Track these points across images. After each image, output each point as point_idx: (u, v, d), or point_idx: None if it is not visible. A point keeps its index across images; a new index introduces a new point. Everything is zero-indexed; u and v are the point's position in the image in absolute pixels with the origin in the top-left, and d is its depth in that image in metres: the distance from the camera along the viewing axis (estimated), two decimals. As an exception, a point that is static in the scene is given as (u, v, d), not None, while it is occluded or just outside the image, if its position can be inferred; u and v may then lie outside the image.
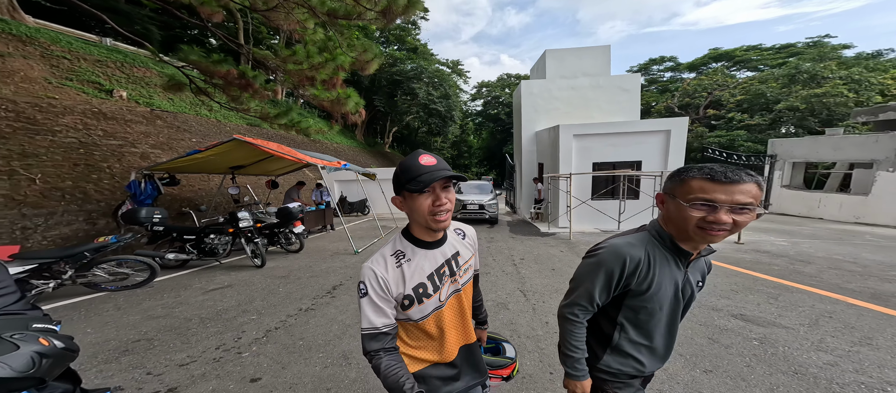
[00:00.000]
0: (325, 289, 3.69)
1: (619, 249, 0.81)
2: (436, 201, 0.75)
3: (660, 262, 0.81)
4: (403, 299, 0.79)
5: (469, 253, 0.92)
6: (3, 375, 0.79)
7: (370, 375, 1.98)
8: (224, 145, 5.22)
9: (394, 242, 0.85)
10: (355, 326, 2.71)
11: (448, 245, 0.87)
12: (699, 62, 25.09)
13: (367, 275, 0.78)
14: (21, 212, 4.58)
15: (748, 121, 15.74)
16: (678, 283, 0.83)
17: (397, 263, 0.80)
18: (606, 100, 10.21)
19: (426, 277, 0.81)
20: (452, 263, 0.86)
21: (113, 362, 2.17)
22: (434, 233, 0.82)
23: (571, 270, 4.30)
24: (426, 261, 0.82)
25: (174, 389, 1.90)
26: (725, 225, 0.69)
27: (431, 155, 0.77)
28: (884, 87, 13.51)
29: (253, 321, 2.83)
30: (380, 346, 0.76)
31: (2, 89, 6.13)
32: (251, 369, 2.10)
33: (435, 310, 0.82)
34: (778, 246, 5.52)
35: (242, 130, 11.97)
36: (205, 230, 4.68)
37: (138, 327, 2.70)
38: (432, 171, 0.73)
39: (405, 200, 0.78)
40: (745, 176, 0.69)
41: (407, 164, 0.76)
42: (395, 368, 0.75)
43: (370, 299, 0.77)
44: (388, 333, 0.78)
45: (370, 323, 0.76)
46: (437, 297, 0.82)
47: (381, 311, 0.77)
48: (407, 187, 0.74)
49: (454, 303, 0.86)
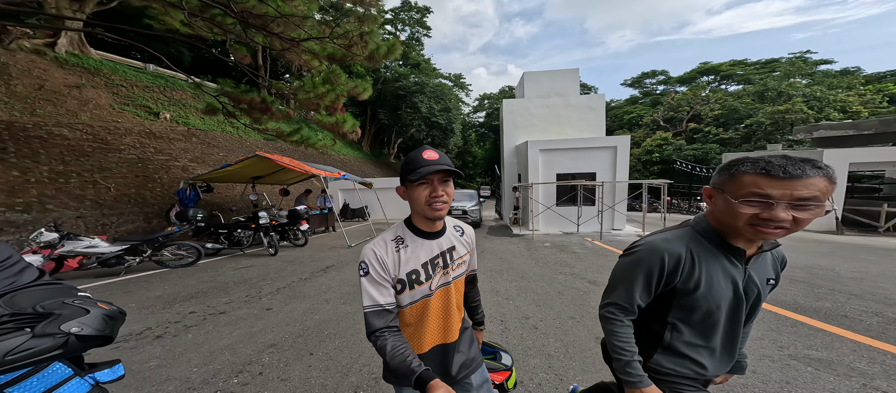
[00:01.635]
0: (320, 268, 5.07)
1: (657, 245, 0.78)
2: (433, 192, 0.79)
3: (706, 259, 0.76)
4: (396, 283, 0.82)
5: (464, 250, 0.95)
6: (86, 333, 0.79)
7: (340, 312, 3.31)
8: (248, 160, 6.80)
9: (395, 228, 0.89)
10: (335, 285, 4.04)
11: (445, 238, 0.90)
12: (688, 76, 25.95)
13: (367, 255, 0.81)
14: (102, 212, 6.21)
15: (723, 135, 16.60)
16: (737, 281, 0.76)
17: (396, 248, 0.83)
18: (576, 117, 11.43)
19: (420, 265, 0.84)
20: (447, 255, 0.89)
21: (185, 302, 3.58)
22: (432, 222, 0.86)
23: (518, 261, 5.57)
24: (422, 249, 0.85)
25: (224, 313, 3.28)
26: (783, 222, 0.63)
27: (434, 150, 0.81)
28: (845, 104, 14.19)
29: (268, 284, 4.23)
30: (384, 324, 0.77)
31: (81, 116, 7.94)
32: (267, 305, 3.47)
33: (423, 298, 0.84)
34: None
35: (260, 145, 13.76)
36: (234, 226, 6.19)
37: (195, 287, 4.13)
38: (431, 164, 0.78)
39: (407, 189, 0.83)
40: (809, 169, 0.62)
41: (411, 156, 0.81)
42: (401, 347, 0.75)
43: (371, 278, 0.80)
44: (391, 310, 0.79)
45: (373, 300, 0.78)
46: (428, 285, 0.84)
47: (382, 288, 0.80)
48: (407, 177, 0.80)
49: (442, 294, 0.87)
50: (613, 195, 8.94)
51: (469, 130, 41.15)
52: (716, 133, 16.21)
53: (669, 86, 27.05)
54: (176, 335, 2.70)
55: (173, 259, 4.94)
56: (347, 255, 6.14)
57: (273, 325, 2.90)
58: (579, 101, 11.60)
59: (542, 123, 11.83)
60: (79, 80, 9.15)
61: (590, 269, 4.88)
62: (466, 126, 41.56)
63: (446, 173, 0.80)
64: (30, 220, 5.14)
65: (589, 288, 3.90)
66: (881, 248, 6.41)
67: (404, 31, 29.77)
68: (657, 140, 18.65)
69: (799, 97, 13.80)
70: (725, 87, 23.48)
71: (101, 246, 4.31)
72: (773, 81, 15.98)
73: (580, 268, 4.94)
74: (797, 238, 7.31)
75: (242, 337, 2.66)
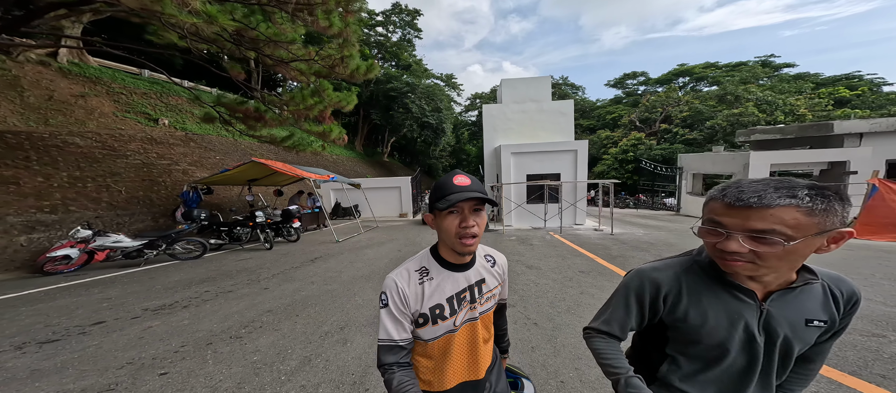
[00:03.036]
0: (309, 259, 5.99)
1: (643, 272, 0.74)
2: (462, 222, 0.74)
3: (700, 292, 0.68)
4: (418, 317, 0.78)
5: (495, 282, 0.89)
6: None
7: (321, 291, 4.25)
8: (246, 165, 7.66)
9: (421, 257, 0.85)
10: (321, 272, 4.97)
11: (474, 270, 0.85)
12: (665, 78, 27.20)
13: (389, 286, 0.78)
14: (116, 213, 7.03)
15: (689, 135, 17.86)
16: (746, 318, 0.65)
17: (420, 280, 0.80)
18: (549, 121, 12.43)
19: (445, 299, 0.80)
20: (475, 289, 0.84)
21: (200, 285, 4.48)
22: (460, 256, 0.81)
23: None
24: (448, 282, 0.81)
25: (231, 291, 4.20)
26: (737, 255, 0.58)
27: (466, 175, 0.76)
28: (793, 108, 15.48)
29: (265, 271, 5.15)
30: (395, 359, 0.76)
31: (89, 124, 8.67)
32: (264, 286, 4.39)
33: (446, 333, 0.80)
34: (635, 235, 7.68)
35: (254, 148, 14.50)
36: (234, 224, 7.07)
37: (205, 274, 5.04)
38: (462, 191, 0.73)
39: (435, 218, 0.78)
40: (775, 197, 0.55)
41: (441, 182, 0.76)
42: (408, 384, 0.73)
43: (390, 312, 0.77)
44: (405, 347, 0.77)
45: (388, 335, 0.76)
46: (453, 321, 0.80)
47: (399, 324, 0.77)
48: (436, 205, 0.75)
49: (467, 331, 0.83)
50: (574, 193, 9.99)
51: (462, 129, 41.93)
52: (682, 134, 17.50)
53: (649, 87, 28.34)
54: (197, 306, 3.63)
55: (184, 252, 5.82)
56: (334, 249, 7.07)
57: (269, 298, 3.84)
58: (551, 106, 12.58)
59: (517, 127, 12.80)
60: (82, 90, 9.83)
61: (535, 257, 5.89)
62: (459, 125, 42.29)
63: (478, 201, 0.74)
64: (57, 220, 5.96)
65: (523, 271, 4.90)
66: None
67: (396, 33, 30.33)
68: (632, 140, 19.87)
69: (751, 101, 15.06)
70: (701, 89, 24.80)
71: (125, 241, 5.18)
72: (731, 85, 17.26)
73: (528, 256, 5.95)
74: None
75: (246, 306, 3.59)
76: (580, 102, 40.84)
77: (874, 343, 2.42)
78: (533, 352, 2.49)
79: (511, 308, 3.37)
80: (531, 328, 2.90)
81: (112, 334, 2.87)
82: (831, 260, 5.04)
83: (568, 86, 45.84)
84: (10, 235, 5.27)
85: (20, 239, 5.34)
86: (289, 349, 2.56)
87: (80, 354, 2.52)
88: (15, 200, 5.62)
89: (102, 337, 2.82)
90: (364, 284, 4.31)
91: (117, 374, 2.24)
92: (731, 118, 14.80)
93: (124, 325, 3.09)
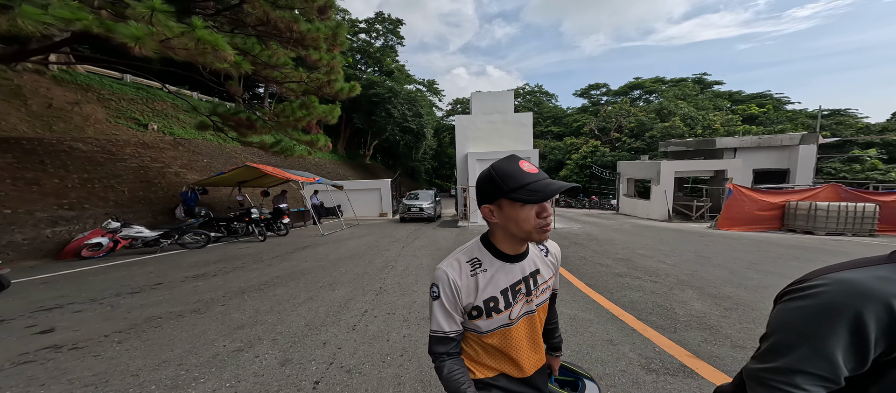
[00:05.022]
0: (301, 247, 7.26)
1: (867, 286, 0.47)
2: (542, 213, 0.70)
3: None
4: (472, 309, 0.77)
5: (550, 273, 0.86)
6: None
7: (313, 266, 5.60)
8: (240, 169, 8.78)
9: (471, 247, 0.81)
10: (311, 256, 6.26)
11: (528, 261, 0.82)
12: (623, 90, 30.40)
13: (440, 278, 0.77)
14: (122, 210, 7.92)
15: (634, 144, 20.61)
16: None
17: (472, 272, 0.77)
18: (512, 131, 14.25)
19: (499, 292, 0.77)
20: (531, 280, 0.81)
21: (215, 264, 5.67)
22: (521, 245, 0.79)
23: (443, 241, 8.09)
24: (503, 274, 0.78)
25: (243, 268, 5.46)
26: None
27: (530, 162, 0.72)
28: (710, 122, 18.56)
29: (265, 255, 6.39)
30: (445, 350, 0.77)
31: (87, 130, 9.38)
32: (267, 264, 5.68)
33: (502, 327, 0.78)
34: (572, 230, 9.55)
35: (239, 151, 15.28)
36: (231, 220, 8.17)
37: (216, 258, 6.20)
38: (545, 181, 0.69)
39: (502, 208, 0.72)
40: None
41: (507, 170, 0.70)
42: (458, 373, 0.75)
43: (441, 303, 0.76)
44: (455, 338, 0.78)
45: (439, 326, 0.76)
46: (508, 314, 0.78)
47: (450, 317, 0.76)
48: (512, 195, 0.69)
49: (524, 324, 0.81)
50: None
51: (444, 133, 43.33)
52: (629, 143, 20.19)
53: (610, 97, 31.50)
54: (224, 274, 4.88)
55: (192, 242, 6.91)
56: (321, 240, 8.35)
57: (275, 271, 5.15)
58: (514, 117, 14.43)
59: (485, 136, 14.52)
60: (76, 97, 10.43)
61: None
62: (441, 129, 43.69)
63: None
64: (75, 216, 6.84)
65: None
66: (679, 229, 9.74)
67: (379, 40, 31.39)
68: (590, 147, 22.40)
69: (679, 116, 17.94)
70: (652, 100, 28.11)
71: (145, 232, 6.25)
72: (667, 101, 20.25)
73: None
74: (636, 223, 10.53)
75: (259, 275, 4.89)
76: (552, 110, 43.78)
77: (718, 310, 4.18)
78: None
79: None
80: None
81: (174, 289, 4.12)
82: (714, 248, 7.06)
83: (542, 93, 48.86)
84: (39, 228, 6.17)
85: (46, 232, 6.24)
86: (296, 295, 3.94)
87: (163, 297, 3.77)
88: (39, 198, 6.49)
89: (168, 290, 4.06)
90: (347, 262, 5.72)
91: (195, 305, 3.55)
92: (663, 130, 17.53)
93: (177, 284, 4.33)
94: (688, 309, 3.21)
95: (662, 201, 11.47)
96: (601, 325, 2.89)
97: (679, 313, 3.11)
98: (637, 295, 3.68)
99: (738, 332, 2.69)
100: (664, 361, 2.27)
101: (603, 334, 2.70)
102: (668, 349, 2.42)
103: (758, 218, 8.65)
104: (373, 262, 5.68)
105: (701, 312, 3.13)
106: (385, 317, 3.18)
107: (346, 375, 2.18)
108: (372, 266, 5.34)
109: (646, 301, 3.47)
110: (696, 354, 2.33)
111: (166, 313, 3.28)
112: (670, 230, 9.41)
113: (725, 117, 18.02)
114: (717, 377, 2.04)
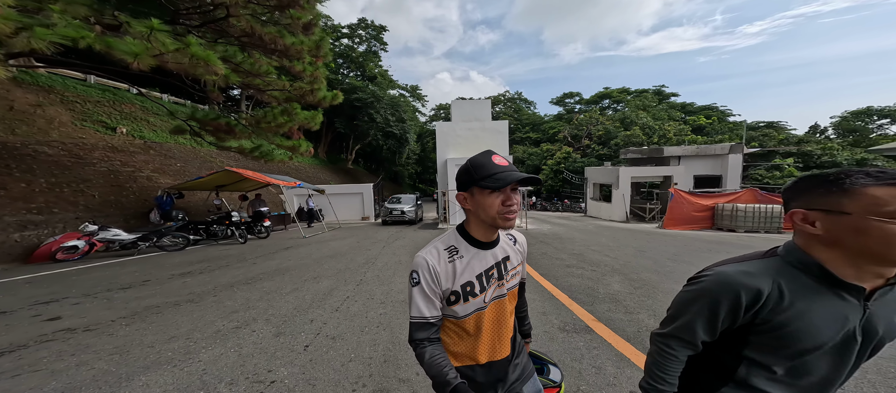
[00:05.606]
0: (283, 248, 7.55)
1: (730, 279, 0.66)
2: (506, 201, 0.77)
3: (803, 295, 0.63)
4: (450, 295, 0.81)
5: (518, 259, 0.93)
6: None
7: (297, 264, 5.98)
8: (219, 173, 8.90)
9: (448, 236, 0.87)
10: (293, 255, 6.60)
11: (499, 248, 0.89)
12: (593, 99, 32.72)
13: (420, 264, 0.80)
14: (93, 215, 7.80)
15: (601, 151, 22.42)
16: (849, 320, 0.62)
17: (450, 258, 0.83)
18: (489, 138, 15.15)
19: (475, 277, 0.83)
20: (502, 266, 0.87)
21: (200, 264, 5.89)
22: (491, 232, 0.84)
23: (423, 242, 8.61)
24: (477, 260, 0.84)
25: (228, 266, 5.73)
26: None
27: (502, 156, 0.79)
28: (665, 132, 20.76)
29: (248, 255, 6.65)
30: (426, 335, 0.80)
31: (52, 133, 9.08)
32: (253, 263, 5.98)
33: (476, 310, 0.83)
34: (541, 231, 10.47)
35: (212, 155, 15.03)
36: (211, 223, 8.27)
37: (198, 259, 6.38)
38: (509, 172, 0.75)
39: (473, 196, 0.80)
40: None
41: (480, 161, 0.78)
42: (439, 357, 0.78)
43: (421, 289, 0.80)
44: (435, 324, 0.81)
45: (419, 312, 0.80)
46: (483, 298, 0.83)
47: (430, 302, 0.80)
48: (480, 184, 0.76)
49: (495, 308, 0.86)
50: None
51: (427, 138, 43.78)
52: (597, 150, 21.97)
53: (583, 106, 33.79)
54: (210, 272, 5.16)
55: (170, 245, 7.00)
56: (302, 242, 8.64)
57: (259, 268, 5.49)
58: (491, 125, 15.35)
59: (465, 142, 15.31)
60: (37, 98, 10.03)
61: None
62: (424, 134, 44.10)
63: (518, 181, 0.76)
64: (43, 220, 6.72)
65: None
66: (632, 229, 10.96)
67: (362, 45, 31.54)
68: (563, 153, 24.03)
69: (638, 125, 19.94)
70: (620, 109, 30.56)
71: (122, 234, 6.32)
72: (630, 111, 22.37)
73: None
74: (598, 224, 11.67)
75: (245, 272, 5.22)
76: (531, 117, 45.80)
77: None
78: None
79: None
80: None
81: (163, 285, 4.39)
82: (652, 244, 8.12)
83: (522, 101, 50.92)
84: (7, 232, 6.06)
85: (14, 236, 6.14)
86: (283, 287, 4.37)
87: (155, 291, 4.05)
88: (7, 202, 6.36)
89: (159, 286, 4.34)
90: (330, 260, 6.15)
91: (188, 296, 3.88)
92: (625, 138, 19.33)
93: (165, 281, 4.59)
94: (608, 289, 4.02)
95: (621, 204, 12.77)
96: (541, 302, 3.61)
97: (600, 292, 3.90)
98: (576, 281, 4.45)
99: (634, 304, 3.50)
100: (576, 324, 3.00)
101: (539, 308, 3.41)
102: (581, 317, 3.16)
103: (694, 218, 9.99)
104: (354, 259, 6.15)
105: (616, 291, 3.94)
106: (364, 301, 3.72)
107: (331, 341, 2.71)
108: (354, 263, 5.82)
109: (581, 285, 4.25)
110: (599, 320, 3.08)
111: (163, 303, 3.62)
112: (625, 230, 10.57)
113: (678, 128, 20.23)
114: (607, 333, 2.78)
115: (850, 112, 25.45)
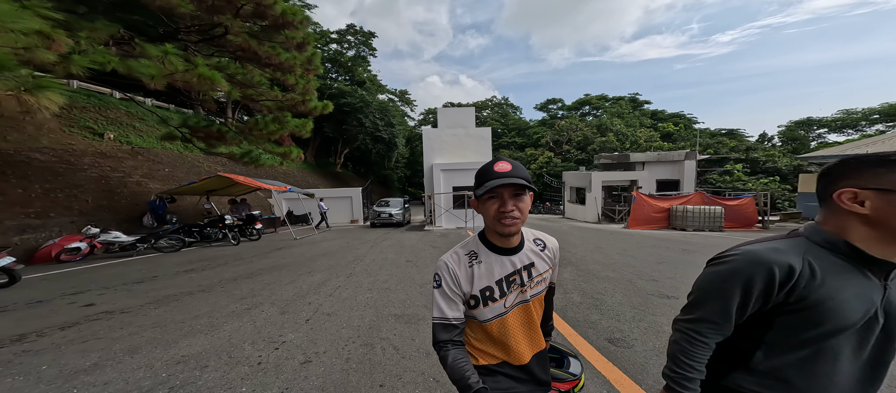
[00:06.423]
0: (276, 248, 8.07)
1: (761, 256, 0.65)
2: (501, 207, 0.78)
3: (834, 273, 0.63)
4: (469, 298, 0.83)
5: (545, 266, 0.92)
6: None
7: (290, 262, 6.56)
8: (211, 178, 9.33)
9: (469, 242, 0.89)
10: (287, 255, 7.15)
11: (523, 254, 0.88)
12: (575, 105, 34.45)
13: (441, 267, 0.84)
14: (87, 219, 8.06)
15: (580, 156, 23.86)
16: (874, 301, 0.63)
17: (469, 263, 0.85)
18: (473, 144, 15.99)
19: (494, 282, 0.83)
20: (524, 272, 0.87)
21: (199, 263, 6.37)
22: (503, 238, 0.84)
23: (409, 241, 9.32)
24: (497, 265, 0.85)
25: (226, 264, 6.24)
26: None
27: (508, 162, 0.79)
28: (636, 138, 22.38)
29: (244, 255, 7.15)
30: (449, 337, 0.81)
31: (42, 140, 9.23)
32: (249, 261, 6.51)
33: (497, 316, 0.84)
34: (516, 229, 11.36)
35: (200, 160, 15.20)
36: (204, 226, 8.68)
37: (197, 258, 6.83)
38: (500, 177, 0.77)
39: (480, 202, 0.83)
40: None
41: (483, 169, 0.81)
42: (462, 361, 0.78)
43: (443, 291, 0.82)
44: (457, 326, 0.82)
45: (442, 313, 0.82)
46: (503, 303, 0.84)
47: (452, 303, 0.82)
48: (475, 192, 0.81)
49: (519, 313, 0.87)
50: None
51: (416, 142, 44.22)
52: (576, 155, 23.40)
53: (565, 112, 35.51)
54: (211, 269, 5.69)
55: (167, 247, 7.41)
56: (294, 243, 9.15)
57: (257, 266, 6.05)
58: (475, 131, 16.20)
59: (450, 148, 16.08)
60: (23, 103, 10.11)
61: (447, 244, 8.89)
62: (413, 138, 44.61)
63: (517, 186, 0.77)
64: (41, 224, 6.99)
65: (434, 254, 7.82)
66: (601, 229, 12.02)
67: (350, 50, 31.86)
68: (545, 158, 25.35)
69: (612, 132, 21.51)
70: (599, 115, 32.38)
71: (122, 237, 6.71)
72: (606, 117, 24.01)
73: (440, 244, 8.93)
74: (573, 225, 12.69)
75: (243, 269, 5.77)
76: (517, 122, 47.31)
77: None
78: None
79: (425, 285, 6.20)
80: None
81: (172, 279, 4.91)
82: (611, 242, 9.09)
83: (509, 106, 52.46)
84: (8, 235, 6.35)
85: (15, 239, 6.43)
86: (281, 279, 4.97)
87: (167, 284, 4.57)
88: (5, 207, 6.63)
89: (168, 280, 4.85)
90: (322, 258, 6.75)
91: (199, 288, 4.44)
92: (601, 144, 20.77)
93: (172, 277, 5.10)
94: (558, 277, 4.87)
95: (593, 206, 13.88)
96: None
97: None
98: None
99: (573, 285, 4.34)
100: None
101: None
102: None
103: (654, 219, 11.13)
104: (344, 257, 6.79)
105: (564, 278, 4.79)
106: (354, 288, 4.40)
107: (327, 317, 3.39)
108: (344, 260, 6.46)
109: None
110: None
111: (179, 293, 4.18)
112: (593, 230, 11.60)
113: (649, 134, 21.88)
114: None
115: (794, 121, 27.98)
